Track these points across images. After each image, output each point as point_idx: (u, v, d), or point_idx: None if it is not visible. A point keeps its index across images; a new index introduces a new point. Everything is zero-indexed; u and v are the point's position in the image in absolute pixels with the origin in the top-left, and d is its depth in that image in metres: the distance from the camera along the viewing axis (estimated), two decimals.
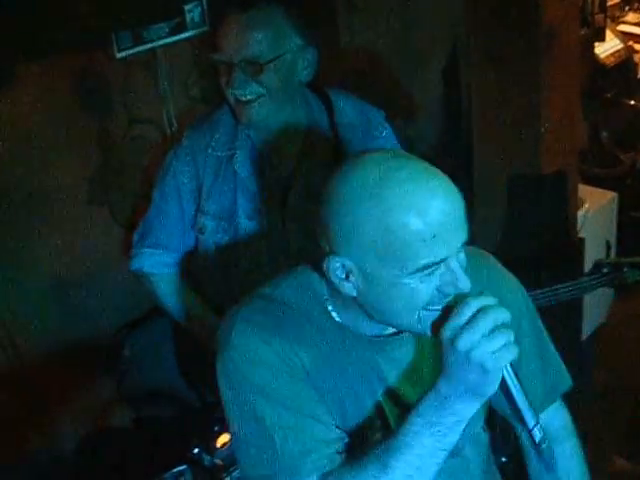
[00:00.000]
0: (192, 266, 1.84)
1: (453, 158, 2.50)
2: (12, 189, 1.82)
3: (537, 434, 0.98)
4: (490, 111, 2.23)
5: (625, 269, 1.87)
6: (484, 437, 1.28)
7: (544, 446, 0.99)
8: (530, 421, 0.98)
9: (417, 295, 0.98)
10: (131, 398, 1.94)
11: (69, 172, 1.92)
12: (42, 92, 1.82)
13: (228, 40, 1.54)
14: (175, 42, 2.02)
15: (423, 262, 0.96)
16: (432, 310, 0.99)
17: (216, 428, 1.63)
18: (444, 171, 1.01)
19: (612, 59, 3.36)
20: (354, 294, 1.02)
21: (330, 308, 1.10)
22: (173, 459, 1.70)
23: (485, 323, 0.93)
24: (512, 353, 0.94)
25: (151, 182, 1.87)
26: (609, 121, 3.42)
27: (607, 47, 3.38)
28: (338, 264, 0.99)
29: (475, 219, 2.25)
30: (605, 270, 1.89)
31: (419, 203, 0.95)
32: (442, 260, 0.97)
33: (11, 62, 1.70)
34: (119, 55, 1.92)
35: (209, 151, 1.70)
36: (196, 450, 1.65)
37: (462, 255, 1.00)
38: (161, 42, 1.99)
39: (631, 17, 3.67)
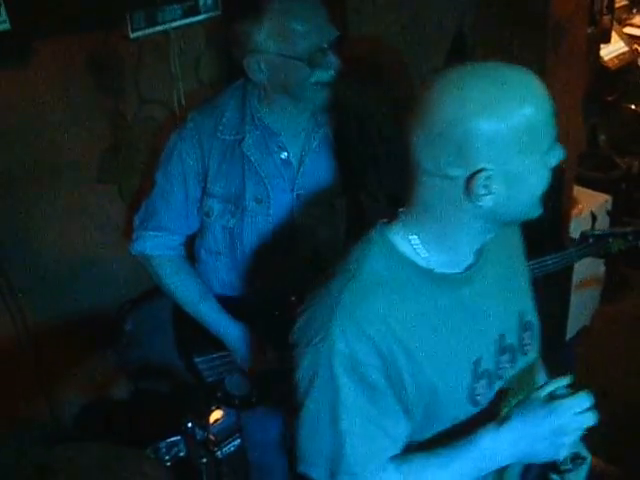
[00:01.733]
0: (196, 249, 1.87)
1: None
2: (23, 166, 1.84)
3: None
4: None
5: (610, 239, 1.95)
6: None
7: None
8: None
9: (548, 173, 1.07)
10: (131, 371, 1.99)
11: (80, 150, 1.94)
12: (56, 70, 1.83)
13: (305, 28, 1.54)
14: (188, 25, 2.04)
15: (552, 137, 1.05)
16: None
17: (212, 407, 1.69)
18: None
19: (616, 62, 3.32)
20: (490, 204, 1.04)
21: (423, 254, 1.11)
22: (167, 430, 1.76)
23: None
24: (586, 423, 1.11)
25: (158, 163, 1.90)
26: (608, 124, 3.41)
27: (612, 49, 3.34)
28: (481, 180, 1.02)
29: None
30: (591, 240, 1.96)
31: (536, 86, 1.05)
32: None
33: (26, 40, 1.71)
34: (133, 35, 1.93)
35: (217, 135, 1.70)
36: (189, 424, 1.71)
37: None
38: (174, 24, 2.01)
39: (638, 20, 3.61)
